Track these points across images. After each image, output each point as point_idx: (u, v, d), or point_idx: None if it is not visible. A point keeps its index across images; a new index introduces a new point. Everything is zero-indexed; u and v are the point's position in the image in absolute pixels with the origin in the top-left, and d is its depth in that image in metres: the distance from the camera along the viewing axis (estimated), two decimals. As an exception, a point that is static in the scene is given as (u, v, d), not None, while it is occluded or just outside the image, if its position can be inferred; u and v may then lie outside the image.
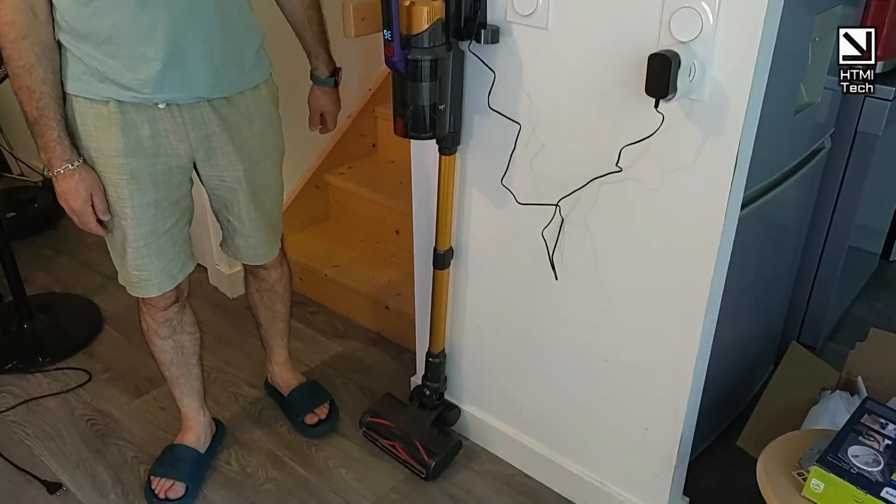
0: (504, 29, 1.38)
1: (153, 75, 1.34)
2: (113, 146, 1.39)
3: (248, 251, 1.69)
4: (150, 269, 1.51)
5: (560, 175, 1.41)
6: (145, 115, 1.39)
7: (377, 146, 2.82)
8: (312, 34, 1.62)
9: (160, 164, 1.44)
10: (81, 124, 1.38)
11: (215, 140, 1.48)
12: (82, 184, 1.39)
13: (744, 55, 1.12)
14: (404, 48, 1.35)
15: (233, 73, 1.44)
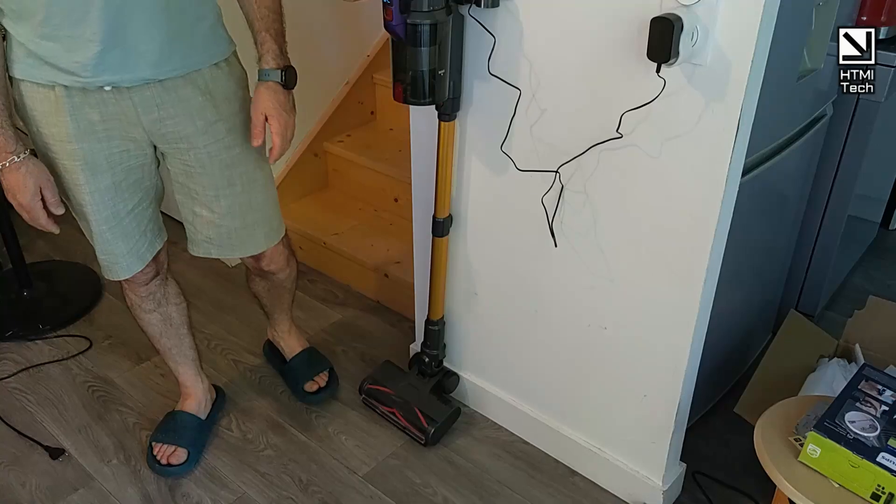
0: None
1: (92, 57, 1.26)
2: (64, 131, 1.33)
3: (221, 242, 1.55)
4: (117, 252, 1.48)
5: (560, 141, 1.40)
6: (93, 99, 1.32)
7: (375, 114, 2.80)
8: (258, 17, 1.40)
9: (115, 148, 1.38)
10: (31, 109, 1.33)
11: (170, 123, 1.38)
12: (30, 177, 1.32)
13: (747, 19, 1.10)
14: (403, 12, 1.33)
15: (181, 51, 1.33)
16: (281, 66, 1.42)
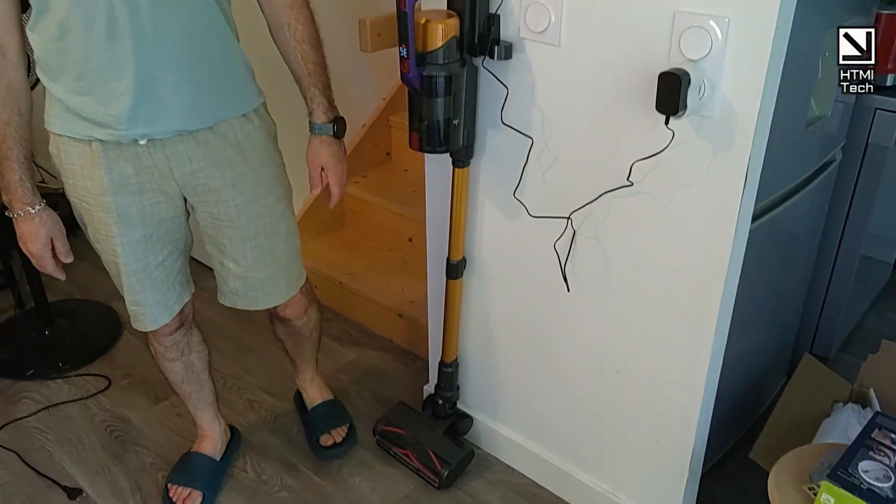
0: (517, 45, 1.40)
1: (125, 110, 1.29)
2: (99, 185, 1.37)
3: (247, 295, 1.58)
4: (145, 303, 1.51)
5: (572, 188, 1.43)
6: (127, 153, 1.36)
7: (391, 155, 2.85)
8: (306, 73, 1.44)
9: (147, 201, 1.41)
10: (67, 163, 1.38)
11: (202, 176, 1.42)
12: (42, 228, 1.37)
13: (753, 73, 1.13)
14: (419, 65, 1.37)
15: (211, 102, 1.37)
16: (332, 119, 1.47)
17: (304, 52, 1.43)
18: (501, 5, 1.39)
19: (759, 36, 1.10)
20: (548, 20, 1.33)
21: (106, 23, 1.22)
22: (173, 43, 1.28)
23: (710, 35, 1.13)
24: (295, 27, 1.41)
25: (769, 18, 1.09)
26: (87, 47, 1.24)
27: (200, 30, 1.31)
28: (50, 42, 1.26)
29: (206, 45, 1.33)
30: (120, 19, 1.22)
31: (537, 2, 1.33)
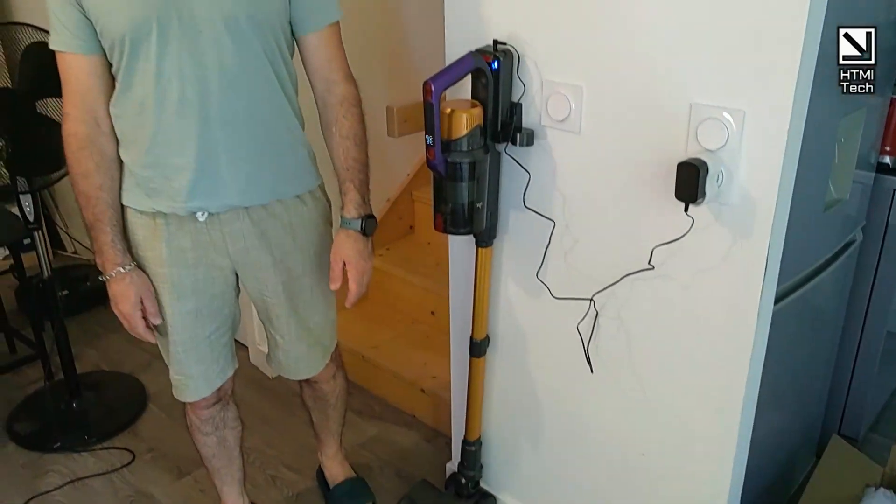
0: (539, 132, 1.45)
1: (186, 184, 1.38)
2: (157, 256, 1.44)
3: (289, 366, 1.66)
4: (190, 374, 1.54)
5: (594, 270, 1.45)
6: (187, 228, 1.43)
7: (414, 228, 2.90)
8: (345, 167, 1.48)
9: (201, 274, 1.48)
10: (132, 233, 1.45)
11: (254, 253, 1.48)
12: (132, 287, 1.43)
13: (770, 163, 1.16)
14: (444, 152, 1.42)
15: (267, 181, 1.44)
16: (362, 216, 1.50)
17: (346, 148, 1.48)
18: (523, 95, 1.44)
19: (774, 128, 1.14)
20: (568, 109, 1.38)
21: (177, 102, 1.32)
22: (235, 123, 1.37)
23: (727, 127, 1.17)
24: (342, 123, 1.48)
25: (783, 112, 1.13)
26: (158, 123, 1.34)
27: (263, 113, 1.40)
28: (128, 117, 1.37)
29: (268, 127, 1.41)
30: (190, 99, 1.32)
31: (558, 92, 1.39)
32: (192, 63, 1.31)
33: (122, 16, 1.28)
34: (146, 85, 1.32)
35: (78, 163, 1.38)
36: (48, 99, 2.04)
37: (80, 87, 1.35)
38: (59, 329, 2.33)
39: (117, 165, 1.42)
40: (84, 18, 1.30)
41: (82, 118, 1.36)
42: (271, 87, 1.40)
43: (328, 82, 1.47)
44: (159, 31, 1.28)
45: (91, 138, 1.37)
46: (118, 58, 1.32)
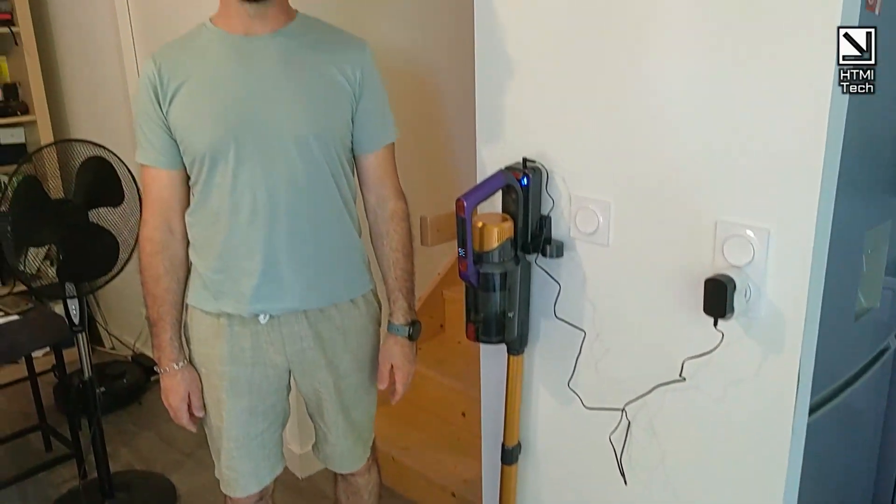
0: (568, 244, 1.50)
1: (251, 288, 1.47)
2: (218, 354, 1.52)
3: (334, 459, 1.71)
4: (239, 469, 1.59)
5: (625, 380, 1.46)
6: (248, 328, 1.52)
7: (444, 327, 2.93)
8: (394, 277, 1.60)
9: (258, 373, 1.55)
10: (195, 332, 1.55)
11: (309, 353, 1.56)
12: (182, 384, 1.53)
13: (797, 278, 1.19)
14: (476, 263, 1.47)
15: (325, 286, 1.53)
16: (409, 322, 1.61)
17: (395, 260, 1.59)
18: (553, 209, 1.50)
19: (799, 246, 1.17)
20: (596, 223, 1.43)
21: (249, 212, 1.44)
22: (300, 232, 1.47)
23: (752, 244, 1.21)
24: (392, 237, 1.58)
25: (807, 231, 1.16)
26: (231, 231, 1.45)
27: (325, 223, 1.50)
28: (203, 225, 1.48)
29: (328, 236, 1.51)
30: (260, 210, 1.44)
31: (586, 207, 1.44)
32: (264, 177, 1.42)
33: (205, 136, 1.41)
34: (222, 196, 1.44)
35: (151, 266, 1.48)
36: (100, 208, 2.16)
37: (160, 198, 1.48)
38: (96, 429, 2.37)
39: (185, 269, 1.52)
40: (169, 138, 1.44)
41: (158, 225, 1.48)
42: (333, 199, 1.50)
43: (381, 197, 1.58)
44: (237, 149, 1.41)
45: (165, 244, 1.49)
46: (198, 172, 1.45)
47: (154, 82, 1.43)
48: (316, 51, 1.46)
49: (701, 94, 1.23)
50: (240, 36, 1.43)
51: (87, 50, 3.11)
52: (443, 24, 2.61)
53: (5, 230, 2.03)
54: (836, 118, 1.14)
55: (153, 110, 1.44)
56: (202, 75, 1.43)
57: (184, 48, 1.47)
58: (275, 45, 1.44)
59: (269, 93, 1.42)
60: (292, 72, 1.43)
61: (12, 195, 1.96)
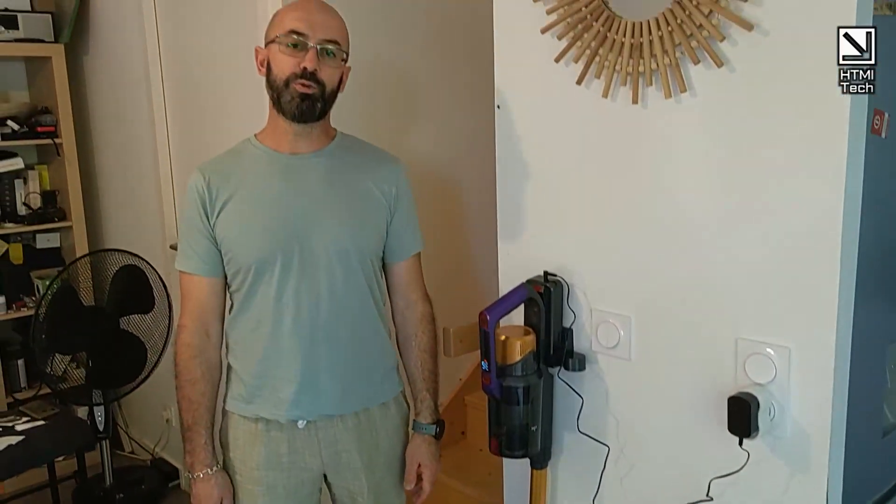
0: (590, 357, 1.51)
1: (290, 394, 1.51)
2: (255, 459, 1.54)
3: None
4: None
5: (651, 498, 1.44)
6: (286, 434, 1.54)
7: (466, 434, 2.90)
8: (421, 378, 1.64)
9: (293, 478, 1.55)
10: (233, 438, 1.56)
11: (344, 455, 1.57)
12: (216, 489, 1.53)
13: (820, 395, 1.19)
14: (499, 377, 1.48)
15: (360, 392, 1.56)
16: (435, 421, 1.64)
17: (423, 361, 1.64)
18: (574, 322, 1.53)
19: (820, 364, 1.18)
20: (618, 337, 1.45)
21: (291, 322, 1.49)
22: (338, 340, 1.51)
23: (774, 362, 1.22)
24: (421, 339, 1.64)
25: (828, 347, 1.18)
26: (272, 339, 1.50)
27: (361, 331, 1.55)
28: (245, 333, 1.53)
29: (364, 343, 1.56)
30: (302, 319, 1.49)
31: (607, 321, 1.47)
32: (307, 288, 1.48)
33: (253, 249, 1.47)
34: (265, 306, 1.49)
35: (187, 370, 1.51)
36: (131, 316, 2.21)
37: (199, 304, 1.53)
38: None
39: (219, 373, 1.56)
40: (214, 248, 1.50)
41: (197, 330, 1.52)
42: (368, 307, 1.56)
43: (409, 301, 1.64)
44: (282, 261, 1.47)
45: (201, 349, 1.52)
46: (240, 282, 1.51)
47: (202, 194, 1.49)
48: (355, 168, 1.55)
49: (718, 212, 1.28)
50: (286, 154, 1.51)
51: (125, 162, 3.26)
52: (470, 134, 2.72)
53: (38, 336, 2.08)
54: (850, 233, 1.17)
55: (200, 221, 1.50)
56: (250, 190, 1.49)
57: (231, 163, 1.54)
58: (318, 164, 1.52)
59: (313, 209, 1.49)
60: (334, 189, 1.52)
61: (48, 303, 2.02)
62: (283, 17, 1.45)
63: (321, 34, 1.43)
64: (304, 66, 1.41)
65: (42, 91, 3.35)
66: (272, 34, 1.46)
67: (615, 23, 1.33)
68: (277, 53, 1.44)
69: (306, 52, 1.42)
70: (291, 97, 1.43)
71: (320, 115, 1.48)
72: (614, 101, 1.39)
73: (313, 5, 1.47)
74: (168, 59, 2.87)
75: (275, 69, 1.45)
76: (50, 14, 3.21)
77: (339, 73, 1.48)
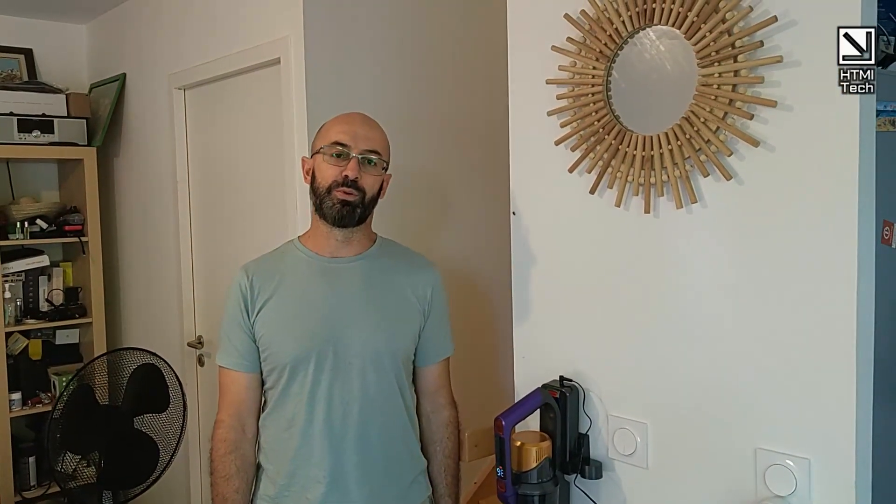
0: (607, 465, 1.49)
1: (319, 496, 1.49)
2: None
3: None
4: None
5: None
6: None
7: (482, 539, 2.81)
8: (445, 483, 1.65)
9: None
10: None
11: None
12: None
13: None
14: (515, 484, 1.46)
15: (388, 495, 1.54)
16: None
17: (447, 466, 1.65)
18: (591, 428, 1.51)
19: (841, 478, 1.16)
20: (634, 444, 1.44)
21: (323, 422, 1.49)
22: (368, 443, 1.51)
23: (794, 474, 1.20)
24: (446, 444, 1.65)
25: (847, 459, 1.16)
26: (303, 439, 1.50)
27: (391, 433, 1.54)
28: (276, 431, 1.53)
29: (394, 446, 1.55)
30: (334, 420, 1.49)
31: (623, 427, 1.45)
32: (340, 389, 1.50)
33: (289, 348, 1.50)
34: (298, 405, 1.50)
35: (223, 466, 1.51)
36: (145, 415, 2.22)
37: (237, 399, 1.54)
38: None
39: (253, 470, 1.56)
40: (253, 344, 1.53)
41: (233, 426, 1.53)
42: (399, 410, 1.56)
43: (436, 405, 1.65)
44: (317, 362, 1.49)
45: (237, 444, 1.53)
46: (276, 379, 1.52)
47: (245, 292, 1.53)
48: (393, 273, 1.59)
49: (732, 319, 1.29)
50: (327, 258, 1.56)
51: (148, 261, 3.33)
52: (496, 237, 2.78)
53: (53, 435, 2.08)
54: (864, 340, 1.17)
55: (241, 317, 1.53)
56: (290, 291, 1.54)
57: (275, 263, 1.59)
58: (358, 268, 1.57)
59: (349, 312, 1.52)
60: (371, 293, 1.55)
61: (65, 402, 2.03)
62: (329, 129, 1.54)
63: (363, 145, 1.50)
64: (346, 174, 1.48)
65: (72, 191, 3.48)
66: (318, 145, 1.54)
67: (626, 136, 1.39)
68: (322, 163, 1.51)
69: (349, 162, 1.49)
70: (333, 203, 1.49)
71: (360, 221, 1.53)
72: (627, 209, 1.43)
73: (357, 119, 1.55)
74: (195, 163, 2.99)
75: (319, 177, 1.52)
76: (85, 119, 3.36)
77: (380, 180, 1.55)
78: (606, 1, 1.41)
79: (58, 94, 3.30)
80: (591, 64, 1.44)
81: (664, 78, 1.35)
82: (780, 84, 1.20)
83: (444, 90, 2.68)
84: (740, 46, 1.23)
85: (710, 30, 1.25)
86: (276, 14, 2.37)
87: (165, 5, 3.03)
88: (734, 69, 1.23)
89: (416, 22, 2.57)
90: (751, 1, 1.22)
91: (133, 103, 3.34)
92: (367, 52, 2.41)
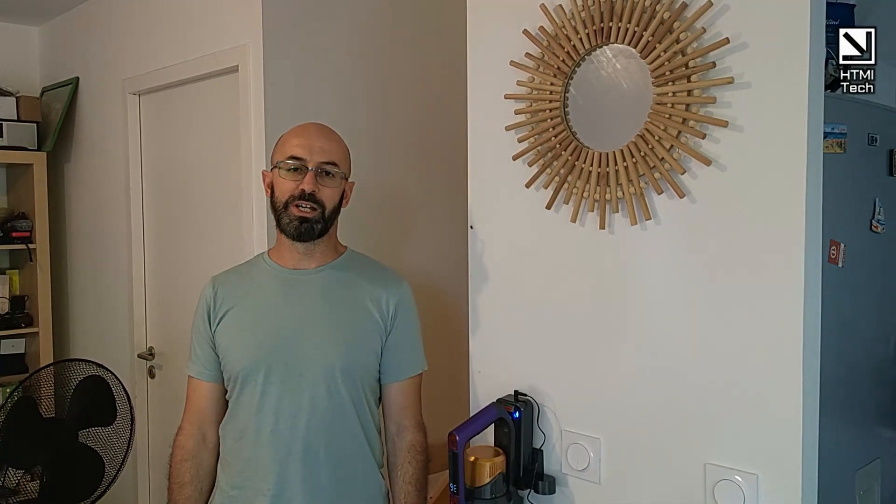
0: (560, 480, 1.49)
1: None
2: None
3: None
4: None
5: None
6: None
7: (436, 557, 2.78)
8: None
9: None
10: None
11: None
12: None
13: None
14: (468, 499, 1.45)
15: None
16: None
17: (407, 493, 1.57)
18: (545, 443, 1.51)
19: (788, 491, 1.18)
20: (588, 459, 1.44)
21: (270, 433, 1.48)
22: (316, 458, 1.48)
23: (742, 489, 1.21)
24: (406, 469, 1.57)
25: (794, 475, 1.18)
26: (252, 450, 1.49)
27: (343, 451, 1.51)
28: (230, 441, 1.53)
29: (345, 465, 1.51)
30: (281, 432, 1.48)
31: (576, 442, 1.46)
32: (288, 401, 1.48)
33: (242, 356, 1.51)
34: (248, 415, 1.50)
35: (178, 473, 1.53)
36: (91, 429, 2.15)
37: (198, 407, 1.56)
38: None
39: (210, 481, 1.55)
40: (213, 354, 1.55)
41: (193, 434, 1.55)
42: (352, 427, 1.52)
43: (400, 427, 1.59)
44: (266, 372, 1.49)
45: (195, 452, 1.54)
46: (231, 389, 1.53)
47: (209, 303, 1.56)
48: (355, 285, 1.57)
49: (683, 335, 1.31)
50: (289, 270, 1.55)
51: (98, 270, 3.25)
52: (456, 248, 2.77)
53: (-8, 449, 2.01)
54: (811, 358, 1.19)
55: (203, 328, 1.56)
56: (249, 302, 1.55)
57: (240, 275, 1.61)
58: (317, 280, 1.55)
59: (303, 324, 1.51)
60: (329, 305, 1.53)
61: (7, 415, 1.96)
62: (285, 142, 1.52)
63: (319, 157, 1.49)
64: (303, 188, 1.47)
65: (21, 196, 3.38)
66: (275, 159, 1.52)
67: (583, 152, 1.40)
68: (278, 178, 1.50)
69: (305, 175, 1.48)
70: (290, 220, 1.49)
71: (321, 234, 1.52)
72: (583, 225, 1.44)
73: (312, 130, 1.53)
74: (149, 171, 2.92)
75: (277, 192, 1.51)
76: (35, 123, 3.28)
77: (340, 191, 1.54)
78: (565, 18, 1.42)
79: (7, 98, 3.21)
80: (548, 80, 1.45)
81: (620, 95, 1.36)
82: (731, 105, 1.22)
83: (405, 101, 2.67)
84: (693, 67, 1.25)
85: (665, 49, 1.27)
86: (235, 21, 2.34)
87: (120, 9, 2.97)
88: (687, 89, 1.25)
89: (377, 34, 2.56)
90: (704, 22, 1.24)
91: (86, 108, 3.27)
92: (328, 62, 2.40)
